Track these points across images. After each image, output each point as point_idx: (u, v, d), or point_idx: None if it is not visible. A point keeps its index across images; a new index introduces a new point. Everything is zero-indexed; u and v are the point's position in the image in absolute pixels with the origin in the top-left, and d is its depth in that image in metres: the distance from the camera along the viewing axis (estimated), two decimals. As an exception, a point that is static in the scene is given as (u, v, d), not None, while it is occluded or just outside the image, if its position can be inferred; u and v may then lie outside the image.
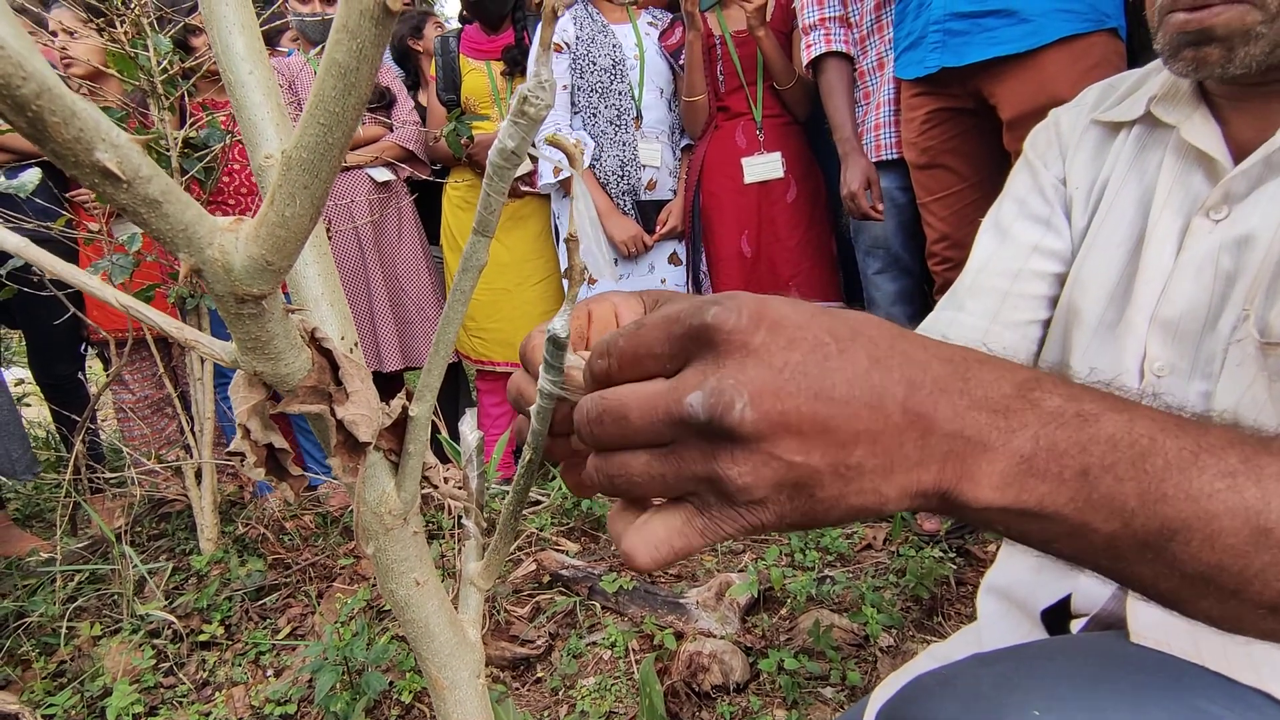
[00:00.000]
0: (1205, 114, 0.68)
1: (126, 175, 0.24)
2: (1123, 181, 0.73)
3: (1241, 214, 0.63)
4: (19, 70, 0.20)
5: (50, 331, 2.37)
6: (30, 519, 2.62)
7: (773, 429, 0.28)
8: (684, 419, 0.29)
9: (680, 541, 0.32)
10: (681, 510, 0.32)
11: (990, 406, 0.31)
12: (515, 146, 0.35)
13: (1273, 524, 0.31)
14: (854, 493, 0.30)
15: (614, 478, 0.32)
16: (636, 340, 0.32)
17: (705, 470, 0.30)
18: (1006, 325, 0.76)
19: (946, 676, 0.52)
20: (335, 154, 0.28)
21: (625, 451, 0.32)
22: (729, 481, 0.29)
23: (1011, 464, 0.30)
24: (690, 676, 1.39)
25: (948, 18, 1.65)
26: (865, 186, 2.00)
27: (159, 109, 1.90)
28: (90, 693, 1.54)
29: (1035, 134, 0.83)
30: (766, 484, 0.29)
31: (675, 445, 0.31)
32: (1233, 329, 0.61)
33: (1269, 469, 0.32)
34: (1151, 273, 0.67)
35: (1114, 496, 0.30)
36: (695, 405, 0.29)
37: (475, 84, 2.52)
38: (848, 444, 0.29)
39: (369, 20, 0.26)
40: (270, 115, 0.41)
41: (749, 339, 0.29)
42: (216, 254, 0.29)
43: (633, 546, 0.32)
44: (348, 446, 0.39)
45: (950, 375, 0.31)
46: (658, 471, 0.31)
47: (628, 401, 0.31)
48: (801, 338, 0.30)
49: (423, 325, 2.67)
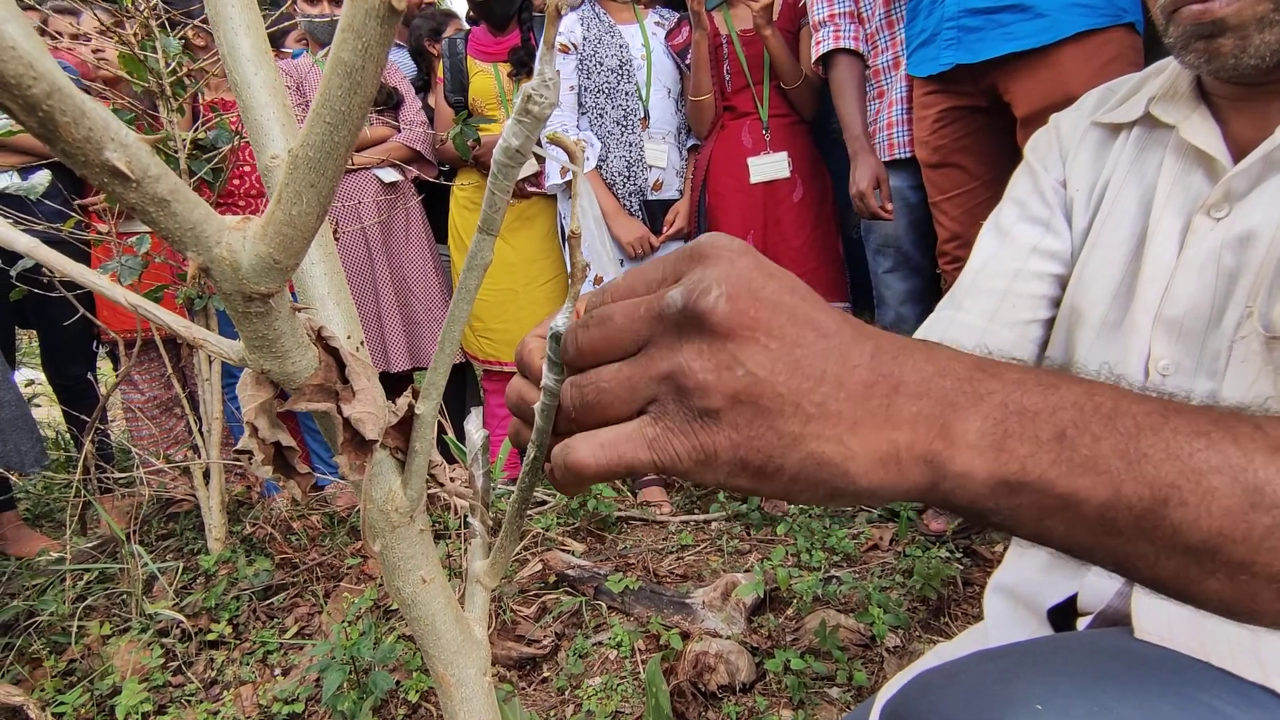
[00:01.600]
0: (1204, 113, 0.68)
1: (135, 174, 0.24)
2: (1123, 182, 0.73)
3: (1242, 212, 0.63)
4: (30, 71, 0.20)
5: (62, 332, 2.39)
6: (40, 519, 2.64)
7: (741, 325, 0.28)
8: (661, 310, 0.30)
9: (627, 447, 0.30)
10: (637, 420, 0.31)
11: (954, 375, 0.31)
12: (520, 145, 0.35)
13: (1263, 481, 0.29)
14: (814, 435, 0.29)
15: (583, 388, 0.32)
16: (633, 274, 0.34)
17: (669, 364, 0.29)
18: (1005, 324, 0.77)
19: (951, 672, 0.52)
20: (341, 153, 0.28)
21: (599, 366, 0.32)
22: (689, 374, 0.29)
23: (987, 424, 0.30)
24: (696, 676, 1.39)
25: (962, 14, 1.65)
26: (874, 185, 1.99)
27: (168, 110, 1.91)
28: (100, 691, 1.55)
29: (1036, 138, 0.83)
30: (725, 389, 0.29)
31: (647, 346, 0.31)
32: (1236, 326, 0.62)
33: (1241, 428, 0.31)
34: (1154, 272, 0.67)
35: (1095, 457, 0.29)
36: (674, 295, 0.29)
37: (482, 86, 2.53)
38: (814, 379, 0.29)
39: (374, 19, 0.26)
40: (276, 116, 0.42)
41: (735, 257, 0.30)
42: (224, 252, 0.29)
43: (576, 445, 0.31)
44: (354, 444, 0.39)
45: (913, 347, 0.31)
46: (625, 374, 0.31)
47: (614, 307, 0.32)
48: (783, 279, 0.31)
49: (430, 326, 2.68)
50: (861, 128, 2.05)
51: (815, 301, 0.31)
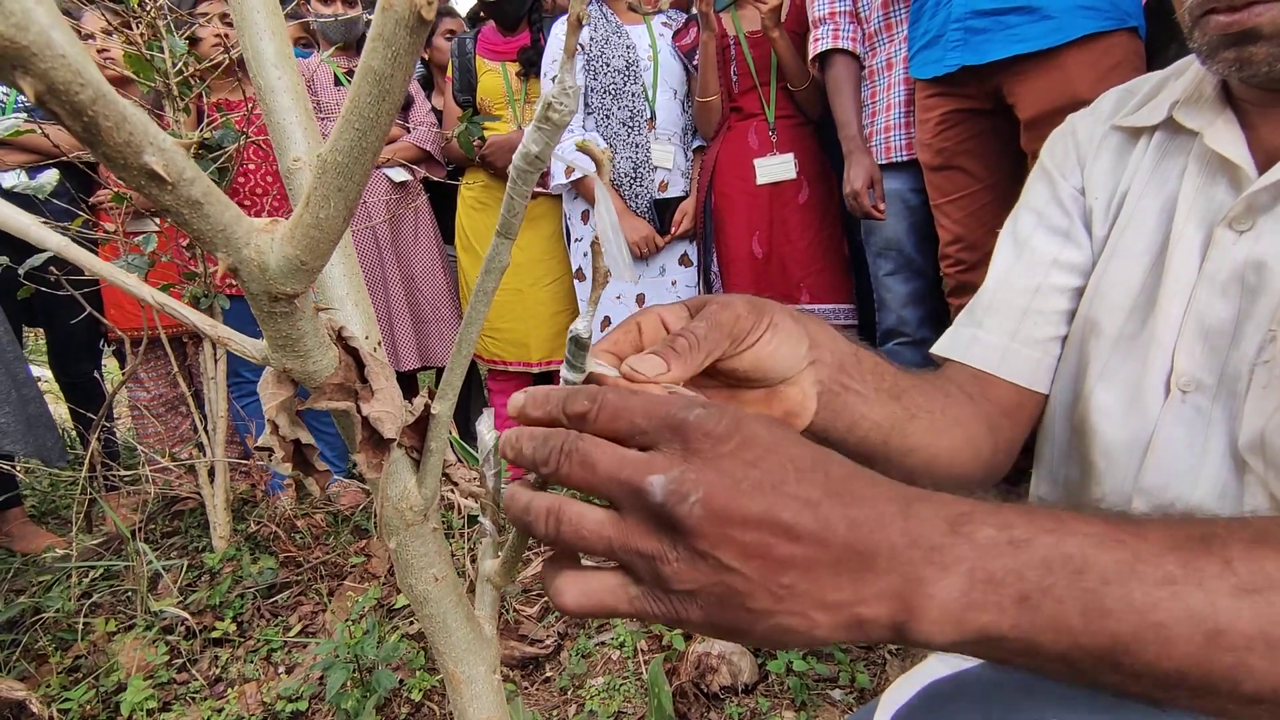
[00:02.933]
0: (1230, 119, 0.65)
1: (172, 177, 0.25)
2: (1144, 190, 0.71)
3: (1268, 227, 0.60)
4: (77, 77, 0.21)
5: (69, 330, 2.40)
6: (46, 516, 2.65)
7: (716, 531, 0.31)
8: (642, 492, 0.31)
9: (610, 600, 0.34)
10: (619, 574, 0.34)
11: (925, 544, 0.32)
12: (539, 151, 0.36)
13: (1224, 625, 0.31)
14: (785, 612, 0.32)
15: (562, 524, 0.34)
16: (624, 405, 0.34)
17: (647, 548, 0.32)
18: (1026, 343, 0.74)
19: (962, 683, 0.52)
20: (369, 158, 0.29)
21: (583, 505, 0.34)
22: (667, 563, 0.31)
23: (951, 595, 0.32)
24: (699, 677, 1.40)
25: (969, 15, 1.65)
26: (868, 185, 2.01)
27: (174, 110, 1.92)
28: (105, 688, 1.56)
29: (1052, 142, 0.81)
30: (699, 581, 0.31)
31: (625, 513, 0.33)
32: (1259, 349, 0.59)
33: (1209, 570, 0.32)
34: (1176, 285, 0.65)
35: (1056, 617, 0.31)
36: (655, 486, 0.31)
37: (490, 85, 2.54)
38: (783, 565, 0.31)
39: (404, 29, 0.26)
40: (299, 120, 0.42)
41: (720, 446, 0.32)
42: (253, 253, 0.29)
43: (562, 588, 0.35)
44: (372, 443, 0.40)
45: (893, 514, 0.32)
46: (607, 534, 0.33)
47: (600, 455, 0.33)
48: (766, 459, 0.32)
49: (438, 325, 2.69)
50: (857, 128, 2.06)
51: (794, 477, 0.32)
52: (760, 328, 0.45)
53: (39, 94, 0.20)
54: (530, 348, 2.57)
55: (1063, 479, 0.75)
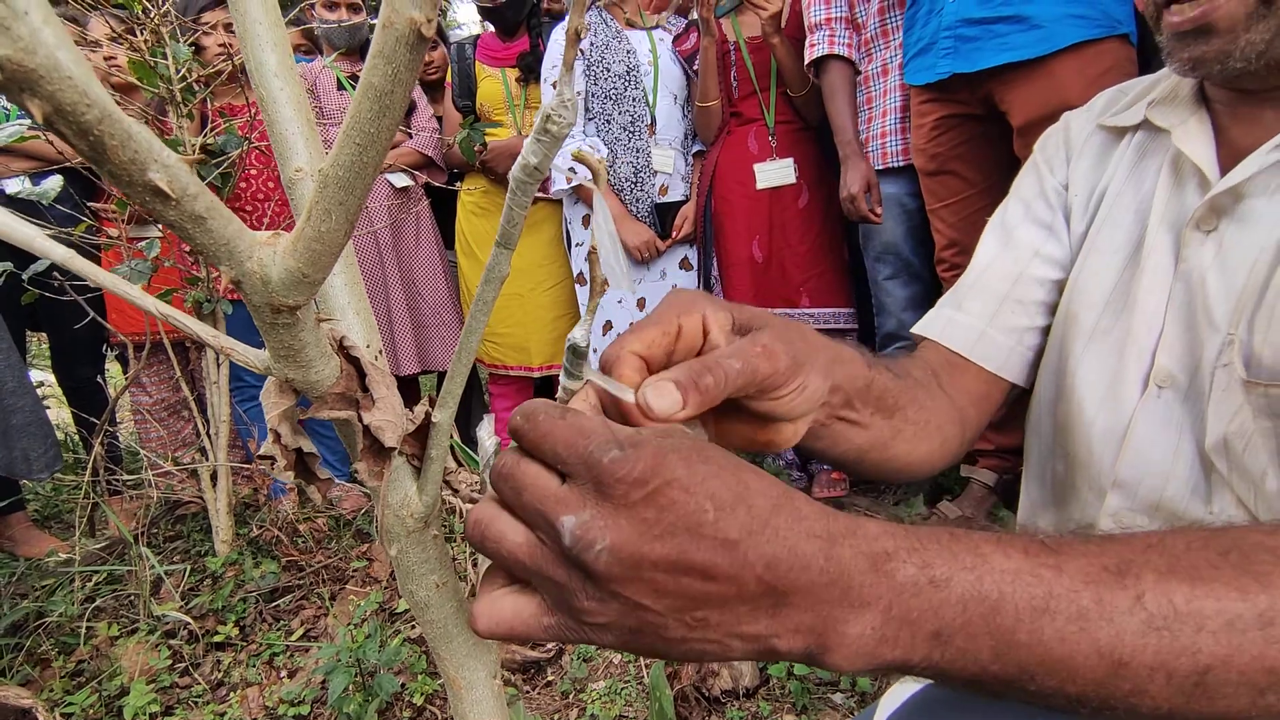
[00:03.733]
0: (1202, 119, 0.66)
1: (176, 193, 0.25)
2: (1121, 188, 0.72)
3: (1230, 229, 0.61)
4: (84, 98, 0.21)
5: (73, 335, 2.41)
6: (49, 520, 2.65)
7: (625, 575, 0.31)
8: (555, 530, 0.32)
9: (521, 628, 0.34)
10: (535, 601, 0.34)
11: (845, 584, 0.33)
12: (538, 163, 0.36)
13: (1128, 657, 0.33)
14: (698, 640, 0.33)
15: (486, 537, 0.34)
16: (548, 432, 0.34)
17: (561, 579, 0.32)
18: (1002, 330, 0.75)
19: None
20: (369, 172, 0.29)
21: (510, 523, 0.34)
22: (577, 598, 0.32)
23: (865, 635, 0.33)
24: (700, 681, 1.40)
25: (959, 24, 1.66)
26: (865, 189, 2.02)
27: (177, 116, 1.93)
28: (108, 692, 1.57)
29: (1046, 137, 0.82)
30: (610, 615, 0.32)
31: (544, 542, 0.33)
32: (1219, 352, 0.60)
33: (1119, 604, 0.33)
34: (1153, 281, 0.66)
35: (966, 651, 0.33)
36: (564, 528, 0.31)
37: (490, 91, 2.55)
38: (698, 602, 0.32)
39: (404, 46, 0.27)
40: (300, 130, 0.43)
41: (633, 492, 0.31)
42: (255, 267, 0.30)
43: (479, 612, 0.35)
44: (373, 451, 0.40)
45: (814, 553, 0.32)
46: (526, 553, 0.33)
47: (527, 481, 0.34)
48: (684, 501, 0.31)
49: (439, 329, 2.70)
50: (853, 133, 2.07)
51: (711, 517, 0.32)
52: (790, 385, 0.43)
53: (46, 115, 0.20)
54: (531, 352, 2.57)
55: (1049, 476, 0.76)
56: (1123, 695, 0.33)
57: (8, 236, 0.33)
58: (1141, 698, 0.33)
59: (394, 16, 0.26)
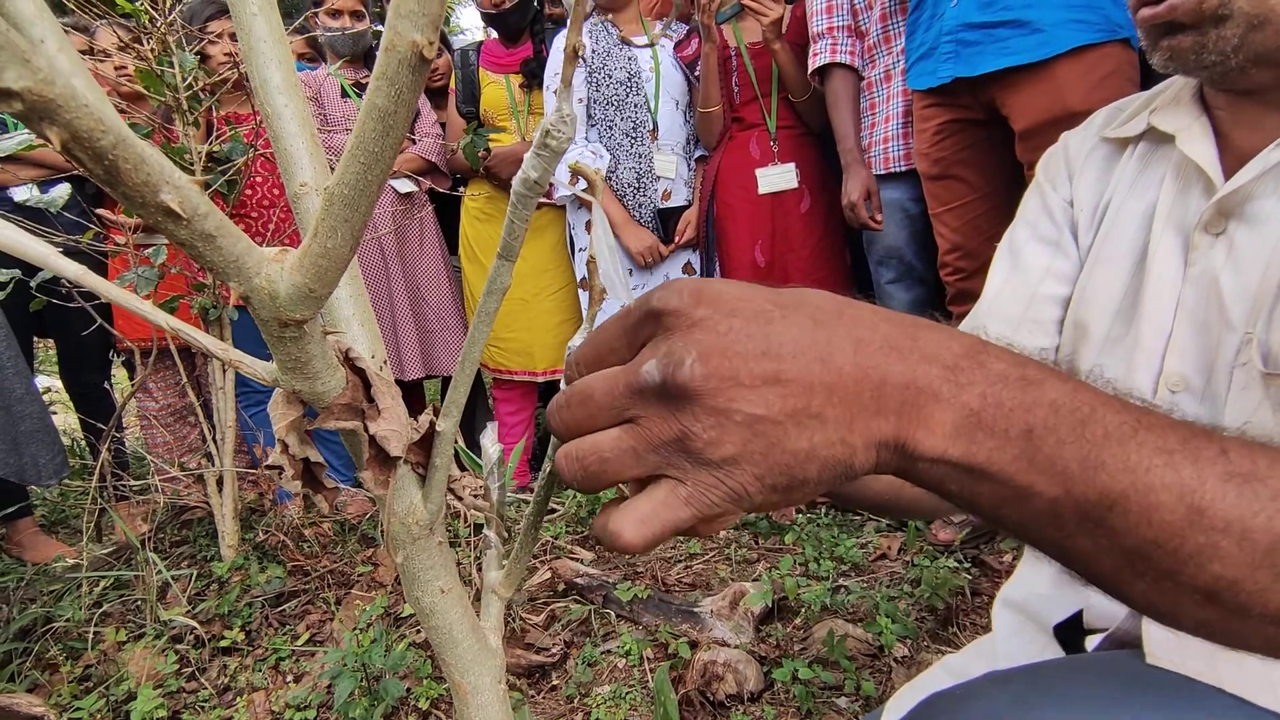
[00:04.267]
0: (1205, 124, 0.67)
1: (186, 213, 0.26)
2: (1125, 198, 0.72)
3: (1239, 230, 0.62)
4: (99, 125, 0.22)
5: (80, 341, 2.43)
6: (56, 525, 2.67)
7: (724, 383, 0.30)
8: (642, 387, 0.31)
9: (668, 513, 0.31)
10: (664, 484, 0.32)
11: (940, 362, 0.32)
12: (538, 177, 0.37)
13: (1206, 503, 0.31)
14: (823, 444, 0.31)
15: (584, 458, 0.33)
16: (595, 340, 0.34)
17: (671, 431, 0.31)
18: None
19: (961, 695, 0.52)
20: (374, 190, 0.30)
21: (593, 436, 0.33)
22: (695, 437, 0.30)
23: (962, 415, 0.31)
24: (705, 685, 1.40)
25: (960, 28, 1.66)
26: (865, 197, 2.03)
27: (183, 124, 1.95)
28: (115, 697, 1.57)
29: (1047, 157, 0.83)
30: (733, 438, 0.30)
31: (640, 418, 0.32)
32: (1236, 351, 0.60)
33: (1206, 452, 0.32)
34: (1160, 287, 0.66)
35: (1055, 459, 0.31)
36: (650, 370, 0.31)
37: (494, 97, 2.56)
38: (804, 393, 0.30)
39: (407, 68, 0.28)
40: (305, 145, 0.44)
41: (692, 312, 0.31)
42: (263, 283, 0.31)
43: (619, 525, 0.32)
44: (379, 460, 0.41)
45: (899, 334, 0.32)
46: (627, 444, 0.32)
47: (591, 383, 0.33)
48: (743, 307, 0.31)
49: (443, 335, 2.71)
50: (854, 140, 2.09)
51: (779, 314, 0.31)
52: None
53: (64, 143, 0.21)
54: (535, 357, 2.58)
55: None
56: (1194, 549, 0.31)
57: (20, 253, 0.33)
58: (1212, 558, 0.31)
59: (397, 40, 0.27)
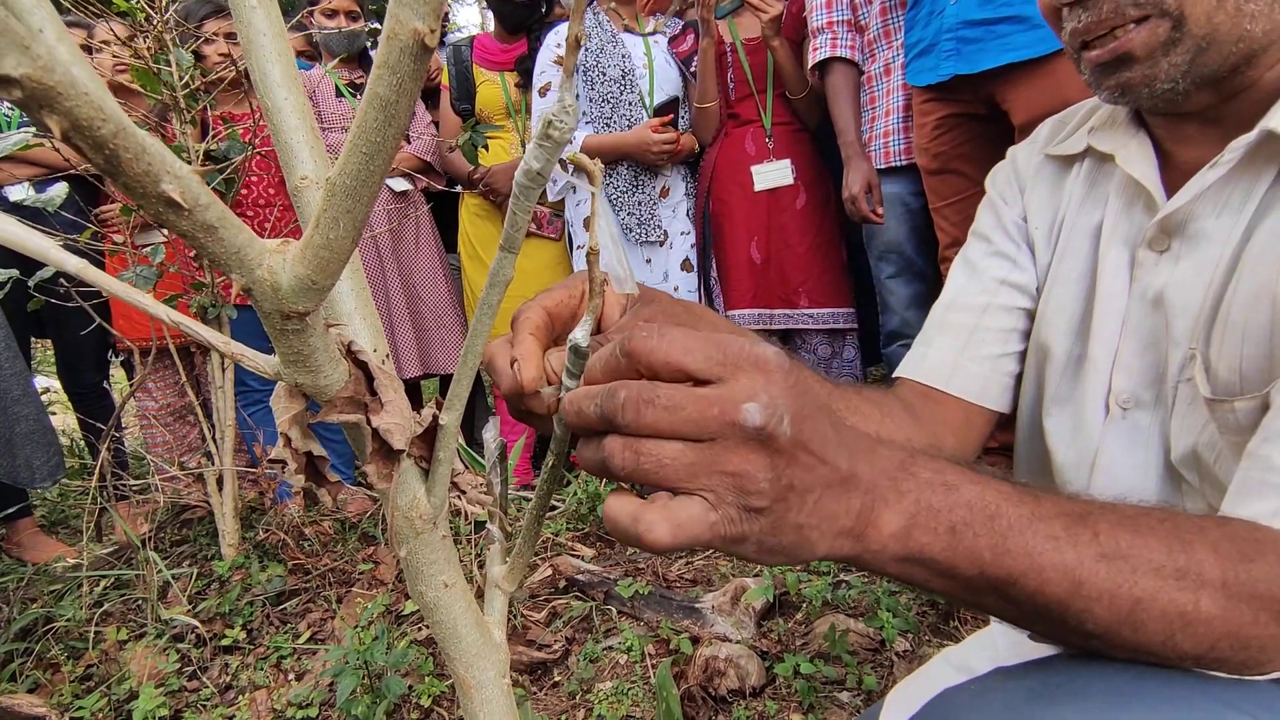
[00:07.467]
0: (1143, 141, 0.67)
1: (188, 204, 0.26)
2: (1076, 217, 0.73)
3: (1183, 247, 0.62)
4: (99, 113, 0.22)
5: (78, 341, 2.42)
6: (56, 525, 2.66)
7: (796, 450, 0.35)
8: (738, 423, 0.34)
9: (697, 529, 0.35)
10: (698, 501, 0.35)
11: (887, 475, 0.40)
12: (540, 168, 0.37)
13: (1084, 578, 0.41)
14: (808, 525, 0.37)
15: (642, 456, 0.35)
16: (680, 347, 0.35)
17: (738, 467, 0.34)
18: (974, 360, 0.77)
19: (976, 690, 0.51)
20: (376, 181, 0.30)
21: (660, 442, 0.35)
22: (753, 480, 0.34)
23: (903, 517, 0.39)
24: (706, 681, 1.40)
25: (960, 25, 1.66)
26: (866, 190, 2.03)
27: (180, 123, 1.94)
28: (117, 696, 1.57)
29: (995, 172, 0.84)
30: (774, 494, 0.35)
31: (716, 443, 0.34)
32: (1180, 367, 0.61)
33: (1083, 536, 0.42)
34: (1109, 305, 0.67)
35: (973, 548, 0.40)
36: (752, 412, 0.34)
37: (489, 96, 2.55)
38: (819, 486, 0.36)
39: (408, 57, 0.27)
40: (305, 139, 0.43)
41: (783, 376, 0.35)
42: (265, 274, 0.30)
43: (652, 523, 0.35)
44: (382, 454, 0.41)
45: (865, 450, 0.39)
46: (689, 460, 0.34)
47: (682, 399, 0.34)
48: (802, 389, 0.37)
49: (440, 333, 2.71)
50: (855, 134, 2.08)
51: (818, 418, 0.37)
52: None
53: (64, 131, 0.21)
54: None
55: None
56: (1075, 612, 0.41)
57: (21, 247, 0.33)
58: (1087, 617, 0.41)
59: (398, 28, 0.27)
